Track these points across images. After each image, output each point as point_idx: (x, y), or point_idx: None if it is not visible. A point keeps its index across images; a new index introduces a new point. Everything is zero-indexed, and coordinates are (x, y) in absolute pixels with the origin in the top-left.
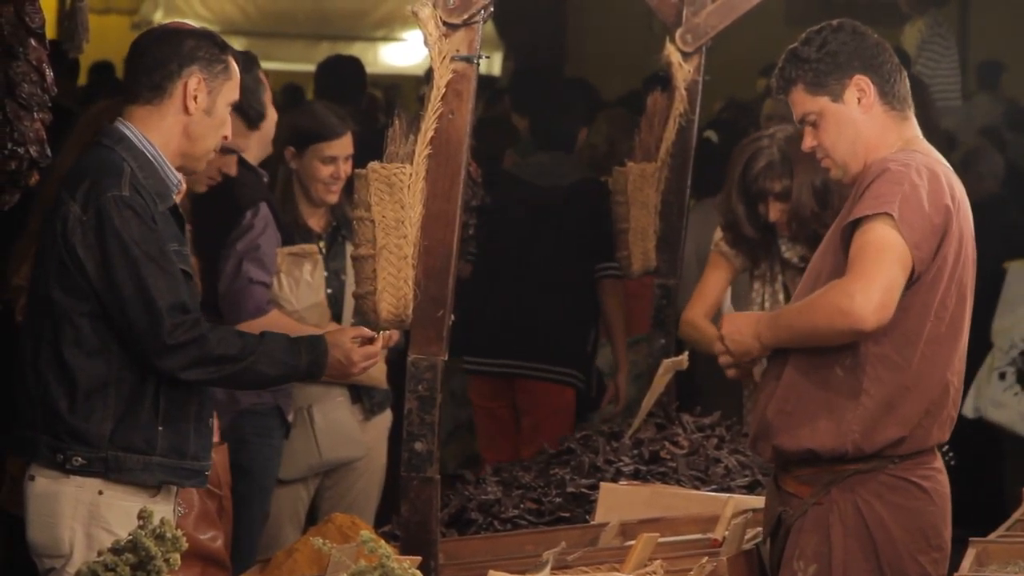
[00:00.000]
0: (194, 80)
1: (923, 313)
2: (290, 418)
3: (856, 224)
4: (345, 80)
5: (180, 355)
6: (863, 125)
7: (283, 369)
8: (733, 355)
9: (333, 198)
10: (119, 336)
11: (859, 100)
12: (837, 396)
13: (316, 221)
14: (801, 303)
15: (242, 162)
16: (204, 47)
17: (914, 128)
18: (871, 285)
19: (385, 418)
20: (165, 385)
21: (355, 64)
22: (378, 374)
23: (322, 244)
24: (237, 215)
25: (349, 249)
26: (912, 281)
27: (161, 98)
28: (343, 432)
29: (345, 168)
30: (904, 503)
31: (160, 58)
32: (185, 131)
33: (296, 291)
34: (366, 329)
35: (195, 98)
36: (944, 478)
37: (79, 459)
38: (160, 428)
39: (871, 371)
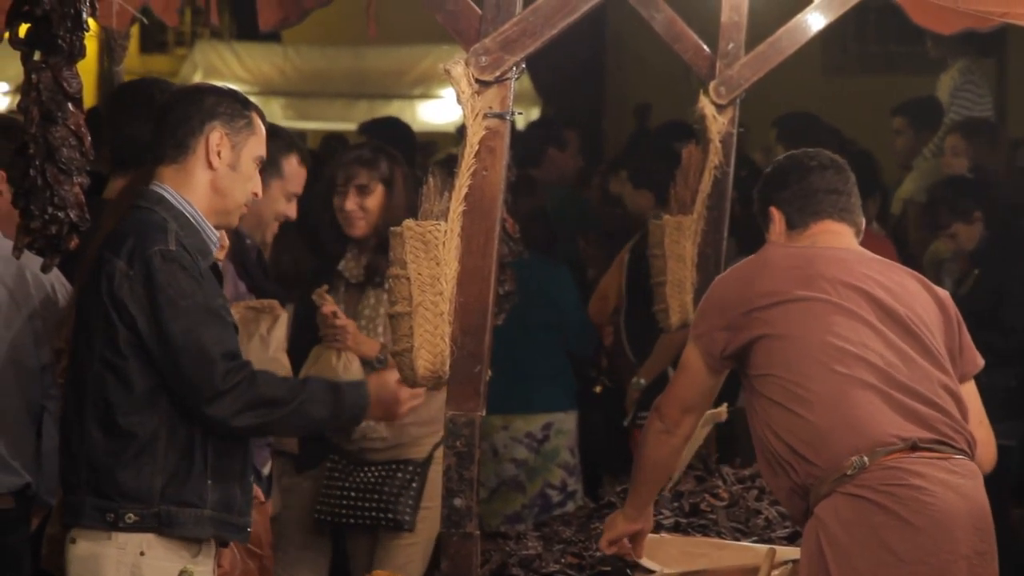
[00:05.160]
0: (216, 135)
1: (781, 381)
2: (266, 471)
3: None
4: (393, 141)
5: (232, 398)
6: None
7: (330, 410)
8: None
9: None
10: (170, 388)
11: (774, 229)
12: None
13: None
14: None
15: None
16: (225, 103)
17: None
18: (665, 400)
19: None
20: (213, 439)
21: (400, 125)
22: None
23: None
24: None
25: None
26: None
27: (186, 155)
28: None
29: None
30: (859, 519)
31: (182, 116)
32: (213, 187)
33: (246, 345)
34: None
35: (218, 153)
36: (935, 491)
37: (132, 516)
38: (210, 482)
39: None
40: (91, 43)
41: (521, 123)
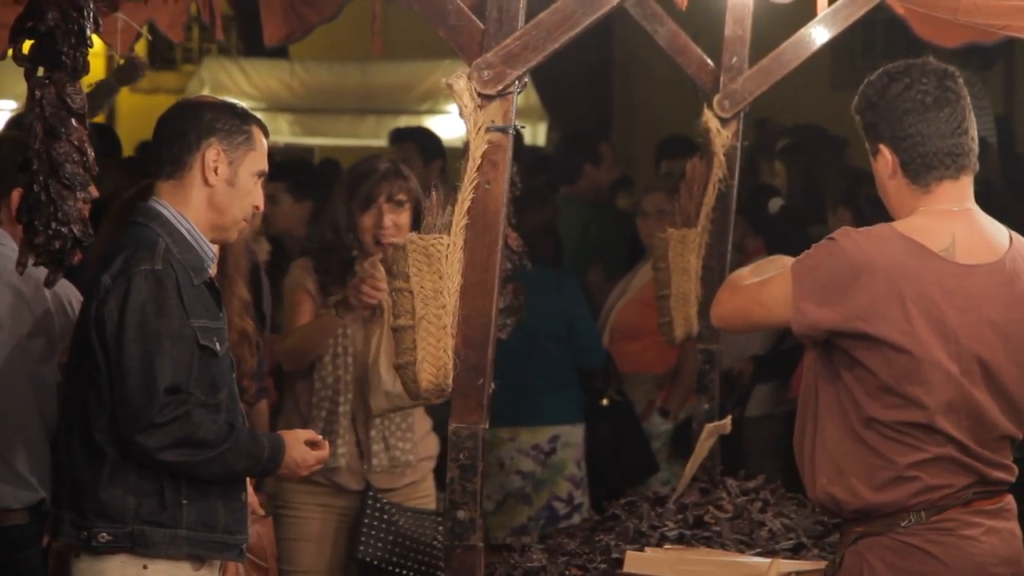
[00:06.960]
0: (212, 152)
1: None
2: None
3: None
4: (427, 150)
5: (164, 433)
6: (888, 190)
7: (248, 463)
8: None
9: None
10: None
11: (884, 165)
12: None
13: None
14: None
15: None
16: (223, 118)
17: (939, 201)
18: (726, 293)
19: None
20: None
21: (433, 135)
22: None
23: None
24: None
25: None
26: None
27: (183, 171)
28: None
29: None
30: (909, 567)
31: (179, 131)
32: (210, 203)
33: None
34: (315, 433)
35: (215, 169)
36: (976, 545)
37: (105, 535)
38: (185, 502)
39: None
40: (96, 60)
41: (542, 139)
